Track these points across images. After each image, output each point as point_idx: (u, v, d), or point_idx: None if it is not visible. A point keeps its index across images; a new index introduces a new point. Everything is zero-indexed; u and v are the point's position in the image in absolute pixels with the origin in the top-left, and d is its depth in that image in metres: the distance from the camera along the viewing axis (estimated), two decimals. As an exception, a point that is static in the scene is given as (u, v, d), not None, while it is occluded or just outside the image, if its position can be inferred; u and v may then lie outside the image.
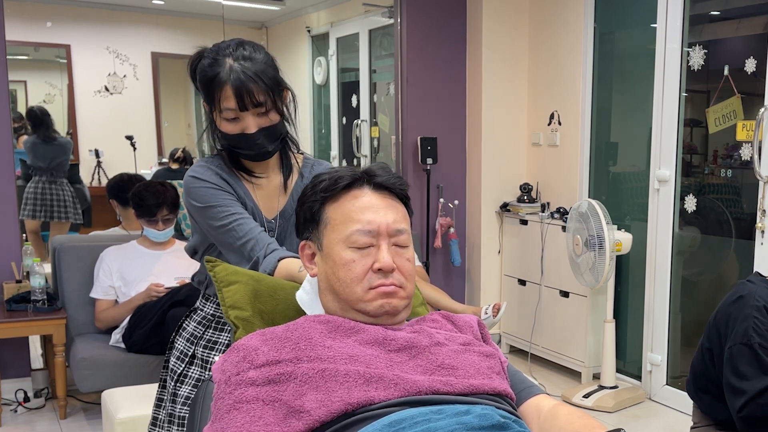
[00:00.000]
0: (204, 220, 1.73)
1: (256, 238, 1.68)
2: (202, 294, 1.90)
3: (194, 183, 1.72)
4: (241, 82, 1.60)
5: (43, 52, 6.04)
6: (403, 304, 1.36)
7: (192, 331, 1.88)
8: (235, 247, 1.69)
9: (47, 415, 3.74)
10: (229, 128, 1.66)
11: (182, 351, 1.88)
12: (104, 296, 3.63)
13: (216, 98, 1.63)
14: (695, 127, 3.93)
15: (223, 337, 1.83)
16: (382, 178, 1.38)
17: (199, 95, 1.73)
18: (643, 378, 4.12)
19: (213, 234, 1.73)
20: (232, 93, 1.60)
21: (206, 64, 1.65)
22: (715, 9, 3.85)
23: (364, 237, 1.33)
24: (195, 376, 1.84)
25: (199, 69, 1.66)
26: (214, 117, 1.69)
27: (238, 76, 1.60)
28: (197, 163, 1.79)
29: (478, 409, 1.20)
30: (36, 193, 5.34)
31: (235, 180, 1.76)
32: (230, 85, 1.60)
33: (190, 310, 1.93)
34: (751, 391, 1.98)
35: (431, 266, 4.74)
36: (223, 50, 1.64)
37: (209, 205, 1.70)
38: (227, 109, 1.63)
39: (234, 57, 1.62)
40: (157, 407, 1.97)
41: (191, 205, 1.74)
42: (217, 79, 1.61)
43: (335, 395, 1.18)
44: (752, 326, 2.02)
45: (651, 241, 3.99)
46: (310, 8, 6.36)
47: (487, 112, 4.66)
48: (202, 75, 1.65)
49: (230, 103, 1.62)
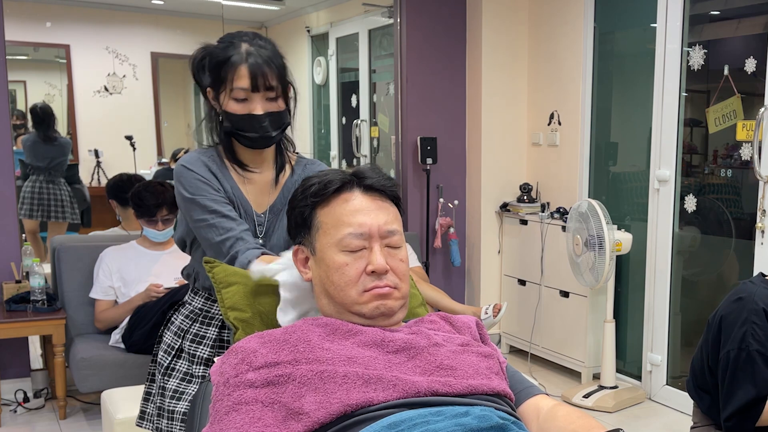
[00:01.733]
0: (187, 211, 1.74)
1: (236, 237, 1.68)
2: (191, 288, 1.90)
3: (183, 172, 1.74)
4: (257, 64, 1.66)
5: (43, 52, 6.04)
6: (399, 304, 1.36)
7: (179, 324, 1.88)
8: (213, 242, 1.70)
9: (47, 415, 3.74)
10: (236, 108, 1.69)
11: (169, 344, 1.88)
12: (104, 296, 3.63)
13: (228, 78, 1.67)
14: (695, 127, 3.92)
15: (210, 332, 1.82)
16: (372, 180, 1.38)
17: (199, 96, 1.74)
18: (643, 378, 4.12)
19: (193, 226, 1.74)
20: (247, 72, 1.65)
21: (220, 47, 1.69)
22: (715, 9, 3.85)
23: (356, 240, 1.33)
24: (183, 369, 1.85)
25: (211, 53, 1.70)
26: (220, 100, 1.71)
27: (255, 59, 1.66)
28: (191, 153, 1.81)
29: (477, 411, 1.20)
30: (33, 192, 5.33)
31: (224, 173, 1.77)
32: (246, 65, 1.65)
33: (178, 304, 1.94)
34: (740, 402, 1.98)
35: (431, 266, 4.74)
36: (240, 37, 1.70)
37: (194, 197, 1.71)
38: (239, 89, 1.67)
39: (250, 43, 1.68)
40: (145, 401, 1.98)
41: (179, 193, 1.75)
42: (232, 59, 1.66)
43: (334, 397, 1.18)
44: (750, 331, 2.00)
45: (651, 241, 3.98)
46: (310, 8, 6.35)
47: (487, 112, 4.66)
48: (214, 57, 1.69)
49: (243, 83, 1.66)
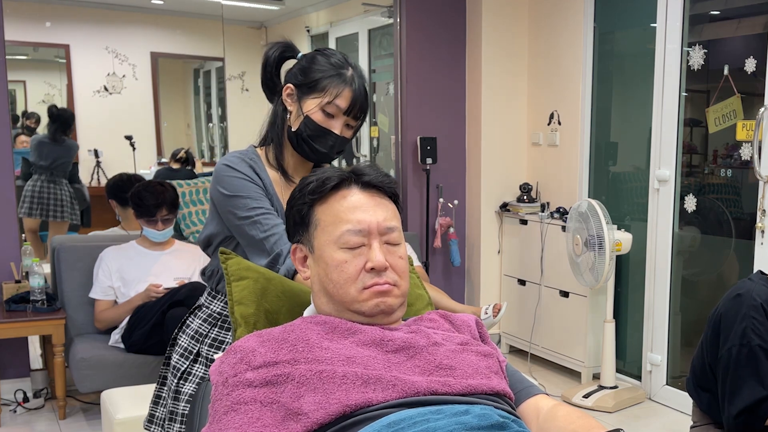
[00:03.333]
0: (229, 209, 1.73)
1: (281, 234, 1.69)
2: (209, 291, 1.89)
3: (226, 171, 1.75)
4: (361, 93, 1.76)
5: (43, 52, 6.04)
6: (398, 302, 1.35)
7: (197, 328, 1.87)
8: (257, 239, 1.70)
9: (46, 415, 3.74)
10: (320, 118, 1.74)
11: (186, 348, 1.87)
12: (103, 296, 3.62)
13: (328, 90, 1.72)
14: (695, 126, 3.92)
15: (229, 337, 1.81)
16: (370, 177, 1.38)
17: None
18: (643, 378, 4.12)
19: (235, 225, 1.74)
20: (350, 96, 1.74)
21: (334, 60, 1.75)
22: (715, 9, 3.85)
23: (354, 237, 1.32)
24: (199, 374, 1.83)
25: (324, 58, 1.76)
26: (302, 103, 1.75)
27: (361, 88, 1.76)
28: (231, 153, 1.82)
29: (477, 409, 1.19)
30: (34, 191, 5.33)
31: (265, 175, 1.79)
32: (351, 89, 1.74)
33: (194, 307, 1.93)
34: (748, 400, 1.97)
35: (431, 266, 4.74)
36: (347, 59, 1.78)
37: (238, 195, 1.72)
38: (336, 105, 1.73)
39: (356, 71, 1.77)
40: (155, 404, 1.96)
41: (218, 192, 1.75)
42: (344, 77, 1.73)
43: (333, 397, 1.18)
44: (750, 326, 2.00)
45: (651, 241, 3.98)
46: (310, 8, 6.35)
47: (487, 112, 4.65)
48: (327, 63, 1.75)
49: (343, 103, 1.73)
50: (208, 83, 6.66)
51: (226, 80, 6.15)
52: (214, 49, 6.27)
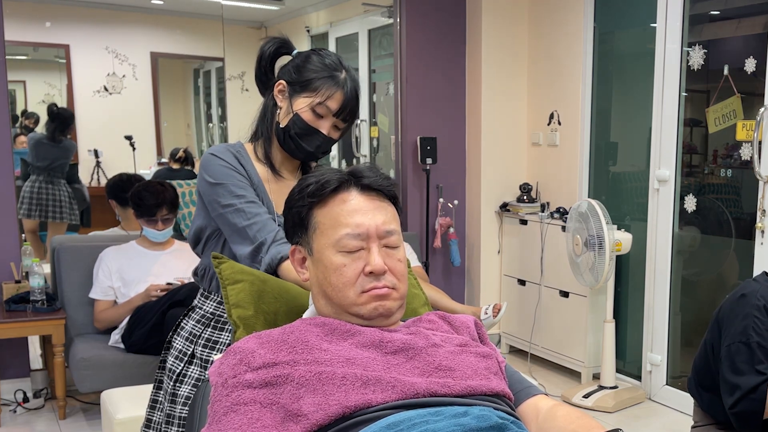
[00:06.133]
0: (213, 197, 1.74)
1: (264, 222, 1.70)
2: (202, 291, 1.89)
3: (212, 160, 1.76)
4: (352, 97, 1.77)
5: (42, 52, 6.03)
6: (397, 305, 1.36)
7: (191, 329, 1.87)
8: (239, 227, 1.70)
9: (46, 415, 3.74)
10: (309, 117, 1.76)
11: (181, 350, 1.87)
12: (103, 297, 3.62)
13: (320, 91, 1.73)
14: (695, 126, 3.92)
15: (223, 337, 1.81)
16: (370, 180, 1.37)
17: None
18: (642, 378, 4.12)
19: (219, 213, 1.74)
20: (341, 99, 1.75)
21: (328, 61, 1.76)
22: (715, 9, 3.84)
23: (353, 241, 1.32)
24: (195, 375, 1.83)
25: (318, 58, 1.77)
26: (293, 100, 1.75)
27: (353, 92, 1.76)
28: (218, 144, 1.84)
29: (476, 410, 1.19)
30: (32, 191, 5.32)
31: (251, 168, 1.79)
32: (343, 92, 1.75)
33: (188, 309, 1.93)
34: (745, 386, 1.99)
35: (431, 266, 4.74)
36: (341, 61, 1.79)
37: (221, 183, 1.73)
38: (326, 106, 1.74)
39: (349, 74, 1.77)
40: (151, 408, 1.96)
41: (203, 180, 1.76)
42: (337, 79, 1.74)
43: (332, 398, 1.18)
44: (752, 325, 2.02)
45: (651, 241, 3.98)
46: (310, 8, 6.35)
47: (487, 112, 4.65)
48: (321, 63, 1.76)
49: (333, 105, 1.74)
50: (208, 83, 6.65)
51: (226, 80, 6.14)
52: (214, 49, 6.27)
